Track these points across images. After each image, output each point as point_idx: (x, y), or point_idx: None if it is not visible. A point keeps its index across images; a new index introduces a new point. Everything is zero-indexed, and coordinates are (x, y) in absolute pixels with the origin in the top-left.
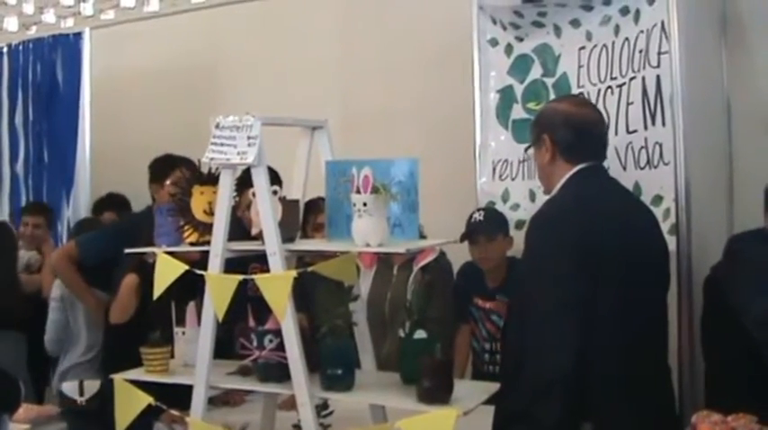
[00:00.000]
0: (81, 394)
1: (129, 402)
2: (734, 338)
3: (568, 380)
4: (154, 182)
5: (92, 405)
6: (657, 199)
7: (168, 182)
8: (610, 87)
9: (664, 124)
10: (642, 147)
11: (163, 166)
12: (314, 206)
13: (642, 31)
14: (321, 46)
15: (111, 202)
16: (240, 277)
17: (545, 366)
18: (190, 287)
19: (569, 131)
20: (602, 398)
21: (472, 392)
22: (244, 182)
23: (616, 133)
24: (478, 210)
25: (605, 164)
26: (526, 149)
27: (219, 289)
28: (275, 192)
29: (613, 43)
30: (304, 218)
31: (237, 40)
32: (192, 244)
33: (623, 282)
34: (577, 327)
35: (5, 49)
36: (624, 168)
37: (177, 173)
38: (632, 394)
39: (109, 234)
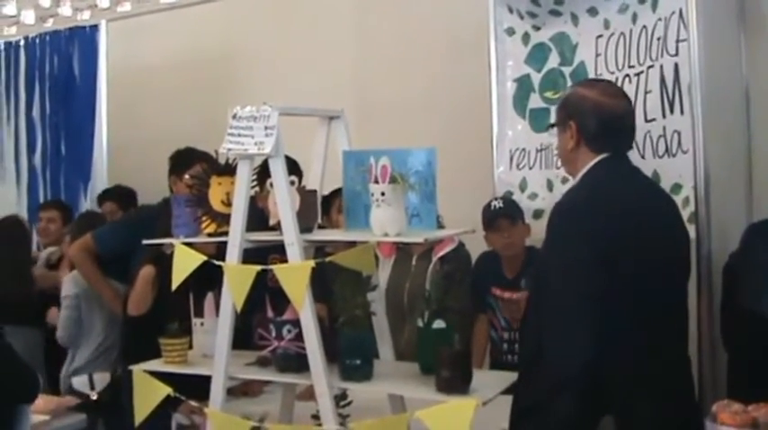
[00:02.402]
0: (92, 388)
1: (148, 393)
2: (753, 326)
3: (587, 374)
4: (173, 174)
5: (104, 397)
6: (676, 187)
7: (186, 175)
8: (627, 76)
9: (682, 112)
10: (660, 136)
11: (183, 159)
12: (335, 196)
13: (660, 19)
14: (337, 36)
15: (113, 193)
16: (258, 267)
17: (563, 359)
18: (208, 278)
19: (598, 122)
20: (621, 390)
21: (491, 382)
22: (264, 173)
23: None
24: (496, 198)
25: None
26: (547, 128)
27: (238, 279)
28: (293, 183)
29: (631, 31)
30: (330, 203)
31: (253, 30)
32: (209, 234)
33: (644, 272)
34: (597, 319)
35: (22, 42)
36: (643, 157)
37: (196, 167)
38: (652, 385)
39: (125, 226)
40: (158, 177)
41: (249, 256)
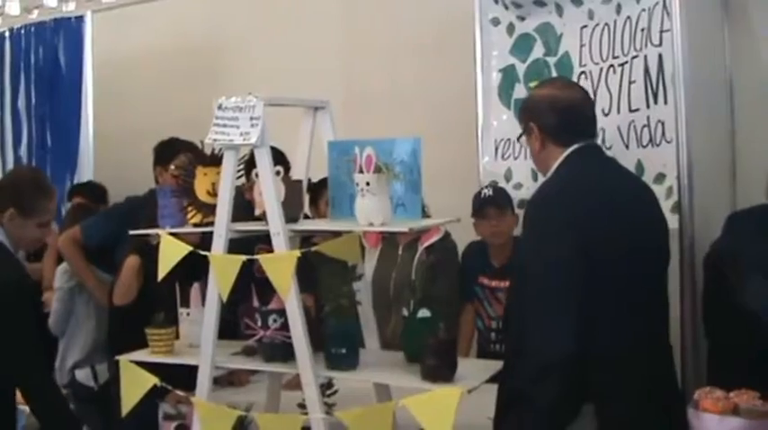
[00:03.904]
0: (95, 380)
1: (135, 383)
2: (735, 315)
3: (567, 363)
4: (158, 164)
5: (108, 388)
6: (660, 177)
7: (172, 166)
8: (612, 66)
9: (666, 102)
10: (644, 126)
11: (168, 150)
12: (323, 186)
13: (644, 10)
14: (323, 27)
15: (85, 188)
16: (243, 257)
17: (544, 347)
18: (193, 268)
19: (555, 115)
20: (603, 378)
21: (476, 370)
22: (251, 164)
23: (618, 112)
24: (486, 186)
25: (607, 142)
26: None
27: (223, 269)
28: (278, 173)
29: (615, 22)
30: (318, 195)
31: (239, 21)
32: (195, 225)
33: (622, 259)
34: (576, 308)
35: (7, 34)
36: (627, 147)
37: (181, 158)
38: (634, 373)
39: (111, 216)
40: (145, 168)
41: (236, 247)
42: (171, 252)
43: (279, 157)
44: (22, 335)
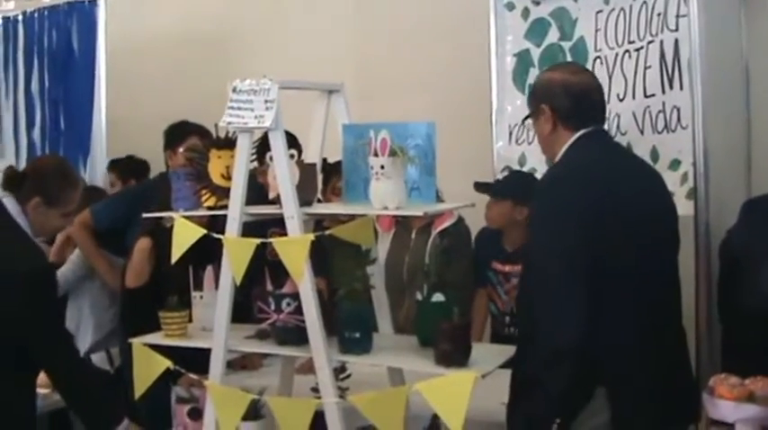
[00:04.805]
0: (111, 363)
1: (148, 366)
2: (750, 302)
3: (578, 349)
4: (168, 148)
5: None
6: (675, 163)
7: (182, 149)
8: (627, 51)
9: (681, 88)
10: (660, 112)
11: (177, 133)
12: (334, 170)
13: None
14: (336, 11)
15: (120, 164)
16: (257, 240)
17: (554, 335)
18: (207, 251)
19: (568, 99)
20: (615, 362)
21: (490, 355)
22: (264, 147)
23: (633, 97)
24: (511, 170)
25: (622, 128)
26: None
27: (237, 252)
28: (292, 156)
29: (631, 6)
30: (328, 178)
31: (253, 5)
32: (209, 208)
33: (632, 245)
34: (585, 294)
35: (21, 17)
36: (642, 132)
37: (193, 140)
38: (646, 357)
39: (121, 200)
40: (157, 151)
41: (248, 231)
42: (185, 235)
43: (291, 141)
44: (51, 321)
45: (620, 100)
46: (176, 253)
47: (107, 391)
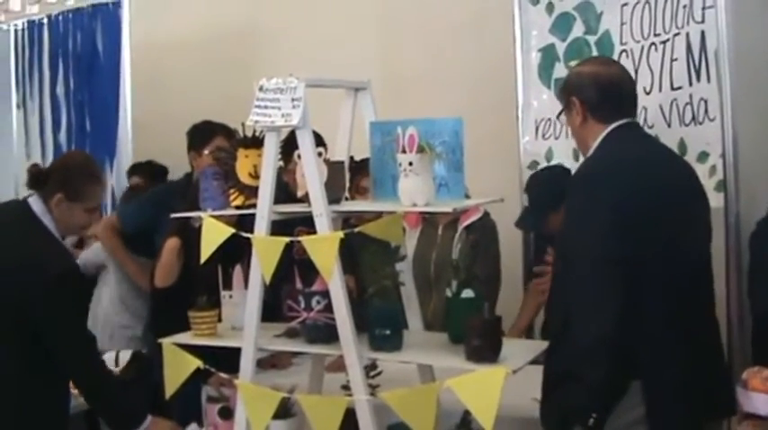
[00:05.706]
0: (116, 364)
1: (178, 366)
2: None
3: (613, 341)
4: (192, 149)
5: (127, 373)
6: (703, 155)
7: (206, 151)
8: (653, 44)
9: (709, 80)
10: (687, 104)
11: (201, 133)
12: (359, 168)
13: None
14: (361, 8)
15: (142, 168)
16: (286, 239)
17: (589, 327)
18: (235, 250)
19: (598, 91)
20: (650, 355)
21: (520, 351)
22: (289, 146)
23: (660, 90)
24: (528, 188)
25: (649, 121)
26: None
27: (266, 251)
28: (320, 154)
29: None
30: (354, 175)
31: (277, 5)
32: (237, 207)
33: (665, 236)
34: (620, 287)
35: (45, 21)
36: (669, 125)
37: (219, 140)
38: (680, 349)
39: (147, 202)
40: (182, 153)
41: (274, 230)
42: (213, 234)
43: (317, 139)
44: (74, 325)
45: (647, 93)
46: (205, 252)
47: (127, 393)
